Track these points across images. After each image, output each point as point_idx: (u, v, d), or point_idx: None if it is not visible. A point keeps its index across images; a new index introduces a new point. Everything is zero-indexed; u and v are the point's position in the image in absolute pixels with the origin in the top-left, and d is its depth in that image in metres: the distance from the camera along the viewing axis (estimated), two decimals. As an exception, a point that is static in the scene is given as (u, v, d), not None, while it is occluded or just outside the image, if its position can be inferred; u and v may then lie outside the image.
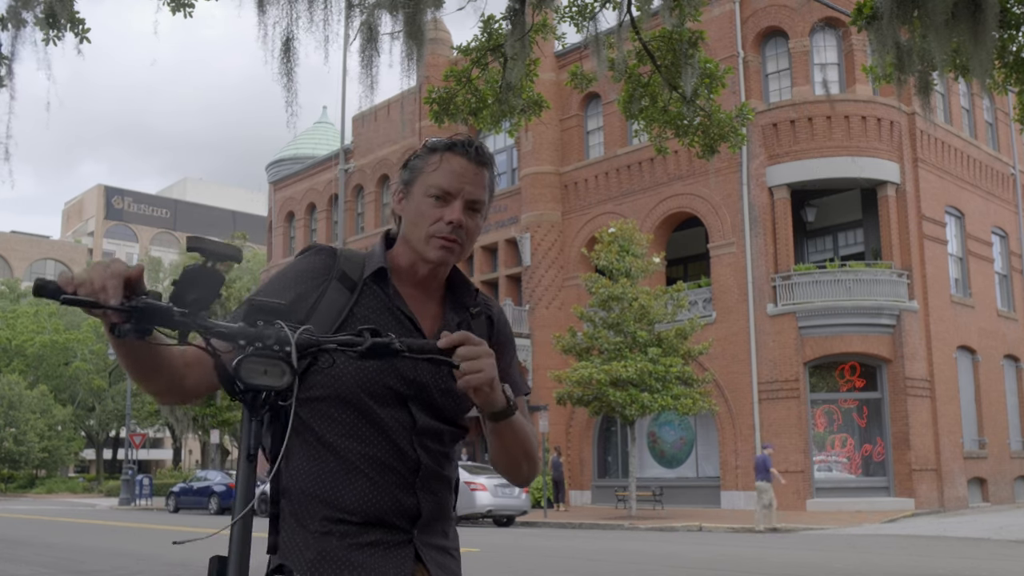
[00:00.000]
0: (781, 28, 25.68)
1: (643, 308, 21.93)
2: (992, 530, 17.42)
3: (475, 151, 1.83)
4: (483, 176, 1.84)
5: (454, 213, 1.80)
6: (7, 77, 8.26)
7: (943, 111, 27.39)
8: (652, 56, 10.64)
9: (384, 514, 1.74)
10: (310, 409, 1.76)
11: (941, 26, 7.75)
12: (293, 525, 1.75)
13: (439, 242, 1.81)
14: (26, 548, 14.46)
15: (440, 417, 1.82)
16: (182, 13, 9.03)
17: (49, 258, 71.72)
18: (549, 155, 30.73)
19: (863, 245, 26.14)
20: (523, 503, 22.38)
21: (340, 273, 1.83)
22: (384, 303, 1.82)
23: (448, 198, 1.81)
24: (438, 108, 11.38)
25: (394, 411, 1.76)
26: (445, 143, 1.85)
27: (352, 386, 1.74)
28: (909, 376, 23.73)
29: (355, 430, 1.75)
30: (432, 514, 1.80)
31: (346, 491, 1.73)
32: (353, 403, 1.74)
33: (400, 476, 1.75)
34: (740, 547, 14.67)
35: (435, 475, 1.80)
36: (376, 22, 8.48)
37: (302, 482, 1.76)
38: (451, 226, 1.80)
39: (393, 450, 1.75)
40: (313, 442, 1.76)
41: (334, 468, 1.74)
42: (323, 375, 1.74)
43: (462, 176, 1.82)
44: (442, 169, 1.82)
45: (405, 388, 1.77)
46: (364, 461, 1.73)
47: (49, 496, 46.28)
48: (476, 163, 1.83)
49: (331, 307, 1.78)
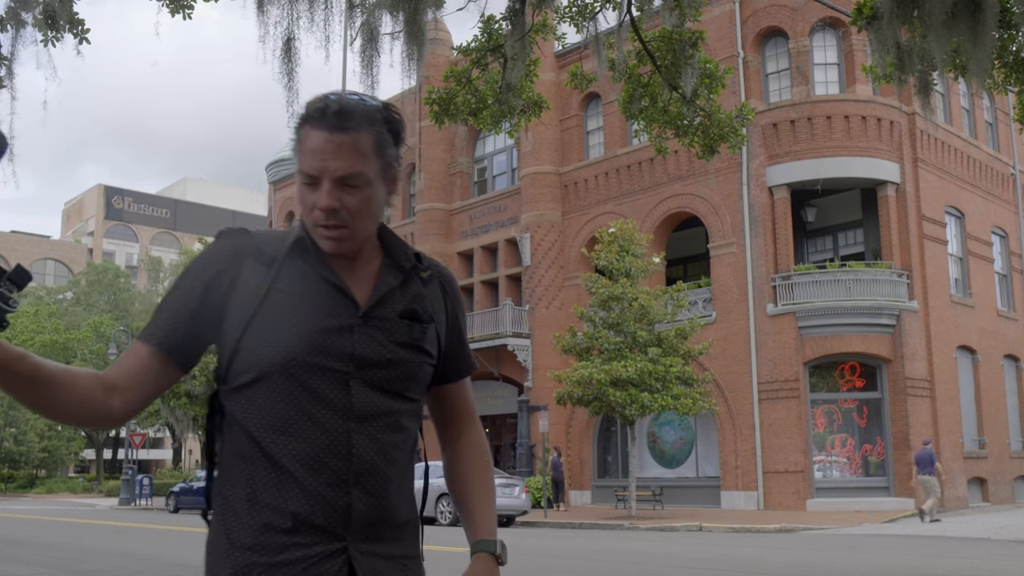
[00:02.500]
0: (781, 28, 25.68)
1: (643, 308, 21.93)
2: (992, 530, 17.41)
3: (334, 116, 1.57)
4: (349, 143, 1.57)
5: (323, 199, 1.58)
6: (7, 78, 8.27)
7: (943, 111, 27.39)
8: (652, 56, 10.64)
9: (315, 519, 1.55)
10: (237, 400, 1.61)
11: (941, 26, 7.75)
12: (218, 535, 1.61)
13: (322, 232, 1.62)
14: (26, 548, 14.46)
15: (392, 393, 1.63)
16: (181, 15, 9.03)
17: (49, 258, 71.72)
18: (549, 155, 30.72)
19: (863, 245, 26.14)
20: (523, 503, 22.38)
21: (255, 250, 1.65)
22: (307, 273, 1.63)
23: (315, 183, 1.60)
24: (438, 108, 11.38)
25: (332, 394, 1.57)
26: (303, 114, 1.62)
27: (278, 368, 1.56)
28: (909, 376, 23.73)
29: (284, 422, 1.57)
30: (369, 516, 1.59)
31: (273, 496, 1.56)
32: (281, 390, 1.57)
33: (335, 473, 1.56)
34: (740, 547, 14.67)
35: (373, 469, 1.59)
36: (376, 22, 8.48)
37: (228, 486, 1.61)
38: (324, 213, 1.59)
39: (328, 443, 1.56)
40: (241, 439, 1.60)
41: (260, 469, 1.57)
42: (248, 358, 1.58)
43: (322, 153, 1.57)
44: (303, 149, 1.60)
45: (341, 365, 1.59)
46: (293, 459, 1.55)
47: (49, 496, 46.27)
48: (337, 130, 1.57)
49: (248, 286, 1.61)
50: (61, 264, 71.43)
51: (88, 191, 78.95)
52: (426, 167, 33.88)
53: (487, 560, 1.75)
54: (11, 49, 8.19)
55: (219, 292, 1.62)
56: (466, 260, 33.48)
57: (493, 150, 33.60)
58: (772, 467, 24.06)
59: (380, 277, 1.69)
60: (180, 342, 1.63)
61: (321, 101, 1.60)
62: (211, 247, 1.67)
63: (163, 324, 1.63)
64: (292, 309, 1.60)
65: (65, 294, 59.43)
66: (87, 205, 78.38)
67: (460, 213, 33.57)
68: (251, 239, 1.67)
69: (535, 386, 29.02)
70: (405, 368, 1.65)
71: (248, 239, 1.67)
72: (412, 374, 1.66)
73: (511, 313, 29.45)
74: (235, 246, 1.66)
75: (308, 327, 1.58)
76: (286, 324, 1.58)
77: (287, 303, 1.60)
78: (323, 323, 1.60)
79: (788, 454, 23.75)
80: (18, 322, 51.60)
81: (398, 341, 1.65)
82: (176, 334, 1.62)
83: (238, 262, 1.63)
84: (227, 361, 1.62)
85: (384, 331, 1.64)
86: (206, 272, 1.64)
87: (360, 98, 1.63)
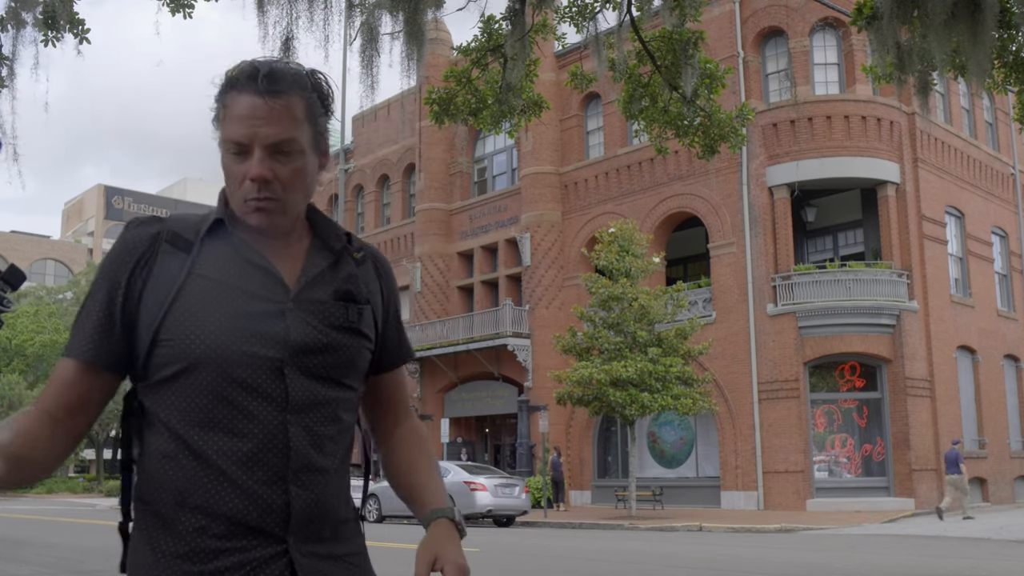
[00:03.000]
0: (781, 28, 25.68)
1: (643, 308, 21.93)
2: (992, 530, 17.41)
3: (264, 79, 1.48)
4: (283, 107, 1.49)
5: (254, 168, 1.48)
6: (8, 78, 8.27)
7: (943, 111, 27.39)
8: (652, 56, 10.64)
9: (251, 520, 1.44)
10: (158, 397, 1.48)
11: (941, 26, 7.75)
12: (141, 543, 1.48)
13: (251, 205, 1.50)
14: (26, 548, 14.45)
15: (330, 380, 1.53)
16: (182, 14, 9.03)
17: (49, 258, 71.72)
18: (549, 155, 30.72)
19: (863, 245, 26.14)
20: (523, 503, 22.38)
21: (170, 235, 1.52)
22: (230, 256, 1.51)
23: (245, 151, 1.49)
24: (438, 108, 11.38)
25: (265, 384, 1.46)
26: (227, 79, 1.52)
27: (207, 359, 1.44)
28: (909, 376, 23.73)
29: (212, 417, 1.44)
30: (309, 514, 1.48)
31: (203, 498, 1.44)
32: (209, 382, 1.45)
33: (270, 470, 1.45)
34: (740, 547, 14.67)
35: (311, 464, 1.48)
36: (376, 22, 8.48)
37: (150, 491, 1.48)
38: (255, 184, 1.49)
39: (262, 437, 1.45)
40: (165, 438, 1.47)
41: (188, 470, 1.44)
42: (171, 349, 1.46)
43: (251, 118, 1.47)
44: (230, 115, 1.49)
45: (275, 352, 1.47)
46: (224, 457, 1.44)
47: (49, 496, 46.26)
48: (268, 94, 1.48)
49: (165, 274, 1.49)
50: (61, 264, 71.44)
51: (88, 191, 78.94)
52: (426, 167, 33.87)
53: (446, 524, 1.60)
54: (12, 49, 8.19)
55: (136, 285, 1.49)
56: (466, 260, 33.48)
57: (493, 150, 33.60)
58: (772, 467, 24.06)
59: (309, 258, 1.58)
60: (111, 349, 1.50)
61: (248, 65, 1.51)
62: (121, 239, 1.54)
63: (89, 333, 1.49)
64: (216, 295, 1.48)
65: (65, 294, 59.42)
66: (87, 205, 78.38)
67: (460, 213, 33.56)
68: (164, 225, 1.54)
69: (535, 386, 29.02)
70: (343, 353, 1.54)
71: (161, 225, 1.54)
72: (350, 359, 1.56)
73: (511, 313, 29.45)
74: (147, 234, 1.53)
75: (235, 313, 1.47)
76: (210, 311, 1.46)
77: (209, 288, 1.48)
78: (251, 308, 1.48)
79: (788, 454, 23.75)
80: (18, 322, 51.58)
81: (334, 324, 1.54)
82: (105, 342, 1.49)
83: (151, 251, 1.51)
84: (145, 355, 1.48)
85: (318, 314, 1.53)
86: (119, 266, 1.51)
87: (287, 63, 1.55)
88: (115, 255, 1.53)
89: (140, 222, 1.55)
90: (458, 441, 31.82)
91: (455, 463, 23.82)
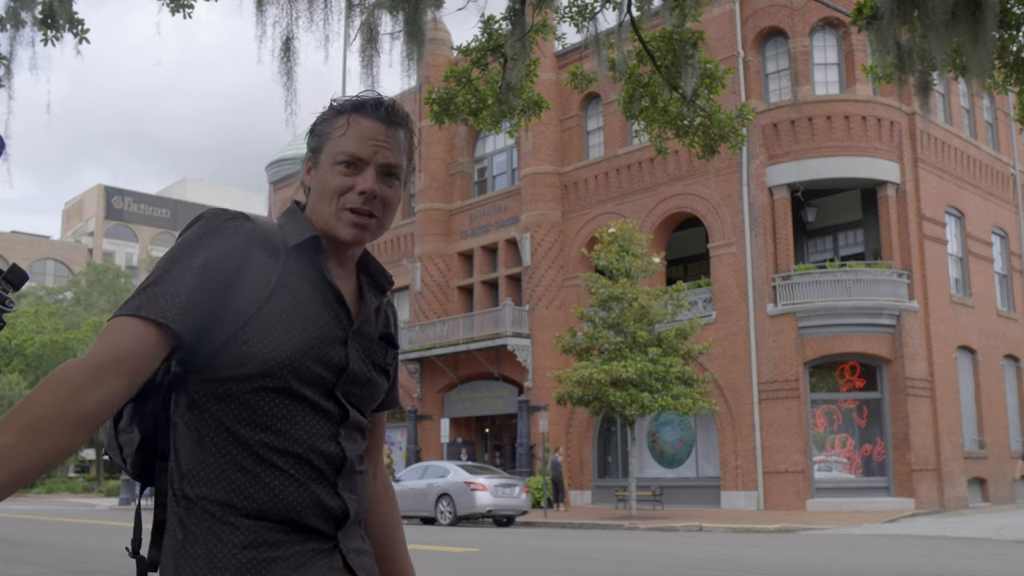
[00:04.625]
0: (781, 28, 25.68)
1: (643, 308, 21.93)
2: (992, 530, 17.41)
3: (386, 111, 1.62)
4: (398, 137, 1.63)
5: (367, 182, 1.58)
6: (6, 78, 8.26)
7: (943, 111, 27.40)
8: (652, 56, 10.63)
9: (308, 518, 1.52)
10: (218, 392, 1.51)
11: (941, 26, 7.75)
12: (198, 538, 1.49)
13: (351, 217, 1.59)
14: (26, 548, 14.45)
15: (357, 409, 1.63)
16: (182, 14, 9.03)
17: (49, 258, 71.71)
18: (549, 155, 30.72)
19: (863, 245, 26.14)
20: (523, 503, 22.38)
21: (262, 239, 1.56)
22: (313, 277, 1.58)
23: (359, 164, 1.59)
24: (438, 108, 11.37)
25: (320, 400, 1.54)
26: (352, 103, 1.63)
27: (279, 368, 1.50)
28: (909, 376, 23.73)
29: (271, 422, 1.50)
30: (357, 516, 1.62)
31: (261, 494, 1.49)
32: (275, 389, 1.50)
33: (320, 474, 1.53)
34: (740, 547, 14.67)
35: (355, 471, 1.61)
36: (376, 22, 8.47)
37: (202, 486, 1.50)
38: (363, 196, 1.58)
39: (313, 443, 1.53)
40: (222, 435, 1.50)
41: (249, 467, 1.49)
42: (249, 350, 1.48)
43: (373, 139, 1.60)
44: (350, 133, 1.60)
45: (332, 376, 1.56)
46: (281, 457, 1.50)
47: (49, 496, 46.27)
48: (389, 123, 1.62)
49: (256, 276, 1.52)
50: (61, 264, 71.43)
51: (88, 191, 78.93)
52: (426, 167, 33.87)
53: None
54: (10, 49, 8.19)
55: (226, 275, 1.50)
56: (466, 260, 33.48)
57: (493, 150, 33.60)
58: (772, 467, 24.06)
59: (364, 294, 1.68)
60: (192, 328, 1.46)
61: (373, 94, 1.65)
62: (218, 225, 1.53)
63: (179, 301, 1.44)
64: (298, 311, 1.53)
65: (65, 294, 59.44)
66: (87, 205, 78.36)
67: (460, 213, 33.56)
68: (256, 226, 1.57)
69: (535, 386, 29.02)
70: (374, 390, 1.67)
71: (253, 226, 1.57)
72: (375, 396, 1.68)
73: (511, 313, 29.44)
74: (245, 229, 1.55)
75: (310, 331, 1.54)
76: (291, 324, 1.51)
77: (294, 303, 1.54)
78: (324, 331, 1.56)
79: (788, 454, 23.75)
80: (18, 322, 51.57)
81: (375, 362, 1.66)
82: (191, 316, 1.45)
83: (246, 247, 1.53)
84: (213, 349, 1.49)
85: (366, 350, 1.64)
86: (217, 252, 1.50)
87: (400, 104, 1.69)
88: (211, 238, 1.51)
89: (234, 215, 1.56)
90: (458, 441, 31.81)
91: (455, 463, 23.81)
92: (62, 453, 1.31)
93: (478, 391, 31.85)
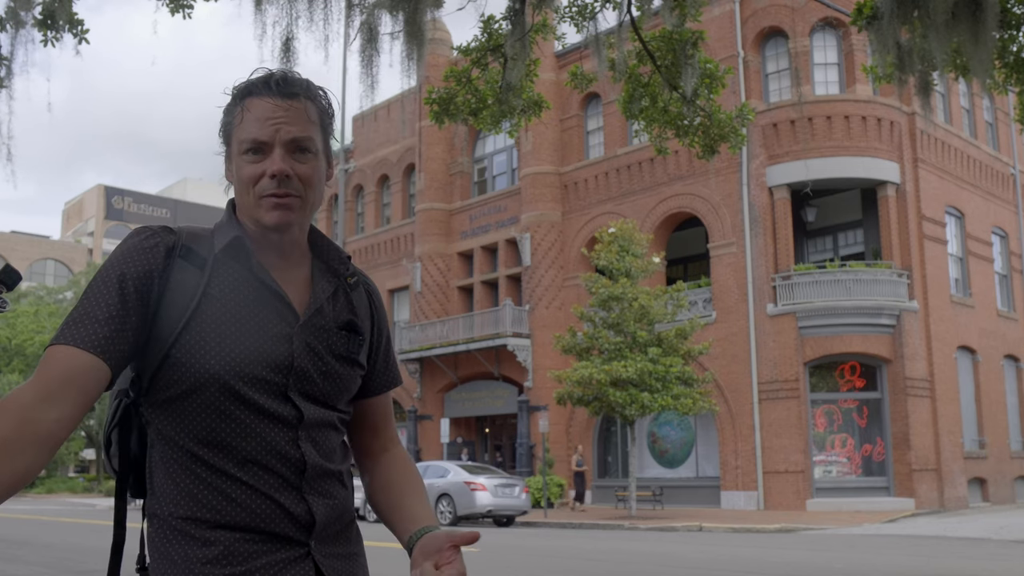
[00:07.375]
0: (781, 28, 25.68)
1: (643, 308, 21.92)
2: (992, 530, 17.41)
3: (276, 84, 1.53)
4: (299, 109, 1.53)
5: (275, 163, 1.50)
6: (6, 78, 8.26)
7: (943, 111, 27.39)
8: (652, 56, 10.63)
9: (275, 527, 1.48)
10: (165, 413, 1.49)
11: (941, 26, 7.75)
12: (166, 553, 1.48)
13: (270, 201, 1.51)
14: (26, 548, 14.45)
15: (324, 404, 1.56)
16: (181, 14, 9.02)
17: (49, 258, 71.70)
18: (549, 155, 30.72)
19: (863, 245, 26.14)
20: (523, 503, 22.38)
21: (184, 250, 1.51)
22: (243, 277, 1.52)
23: (265, 148, 1.51)
24: (438, 108, 11.37)
25: (273, 406, 1.49)
26: (242, 87, 1.55)
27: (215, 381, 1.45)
28: (909, 376, 23.73)
29: (220, 436, 1.47)
30: (328, 519, 1.54)
31: (225, 506, 1.46)
32: (216, 402, 1.46)
33: (283, 481, 1.49)
34: (740, 547, 14.67)
35: (324, 472, 1.54)
36: (376, 22, 8.47)
37: (169, 504, 1.49)
38: (276, 179, 1.50)
39: (270, 450, 1.48)
40: (178, 453, 1.48)
41: (206, 480, 1.47)
42: (181, 370, 1.45)
43: (271, 118, 1.51)
44: (247, 118, 1.52)
45: (280, 377, 1.50)
46: (239, 468, 1.47)
47: (49, 496, 46.26)
48: (284, 96, 1.52)
49: (180, 289, 1.47)
50: (61, 264, 71.43)
51: (88, 191, 78.93)
52: (426, 167, 33.87)
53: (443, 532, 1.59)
54: (10, 49, 8.19)
55: (149, 294, 1.46)
56: (466, 260, 33.47)
57: (493, 150, 33.60)
58: (772, 467, 24.06)
59: (315, 282, 1.60)
60: (122, 351, 1.43)
61: (260, 72, 1.56)
62: (134, 245, 1.49)
63: (103, 328, 1.41)
64: (228, 318, 1.48)
65: (65, 294, 59.42)
66: (87, 205, 78.36)
67: (460, 213, 33.56)
68: (177, 238, 1.53)
69: (535, 386, 29.02)
70: (339, 382, 1.58)
71: (174, 238, 1.53)
72: (345, 388, 1.60)
73: (511, 313, 29.44)
74: (164, 245, 1.50)
75: (246, 337, 1.48)
76: (223, 335, 1.47)
77: (224, 310, 1.49)
78: (262, 333, 1.50)
79: (788, 454, 23.75)
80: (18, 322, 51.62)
81: (335, 353, 1.58)
82: (118, 341, 1.42)
83: (167, 262, 1.49)
84: (152, 370, 1.48)
85: (322, 342, 1.56)
86: (135, 270, 1.46)
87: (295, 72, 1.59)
88: (128, 257, 1.47)
89: (153, 231, 1.53)
90: (458, 441, 31.80)
91: (455, 463, 23.81)
92: (27, 474, 1.30)
93: (478, 391, 31.85)
